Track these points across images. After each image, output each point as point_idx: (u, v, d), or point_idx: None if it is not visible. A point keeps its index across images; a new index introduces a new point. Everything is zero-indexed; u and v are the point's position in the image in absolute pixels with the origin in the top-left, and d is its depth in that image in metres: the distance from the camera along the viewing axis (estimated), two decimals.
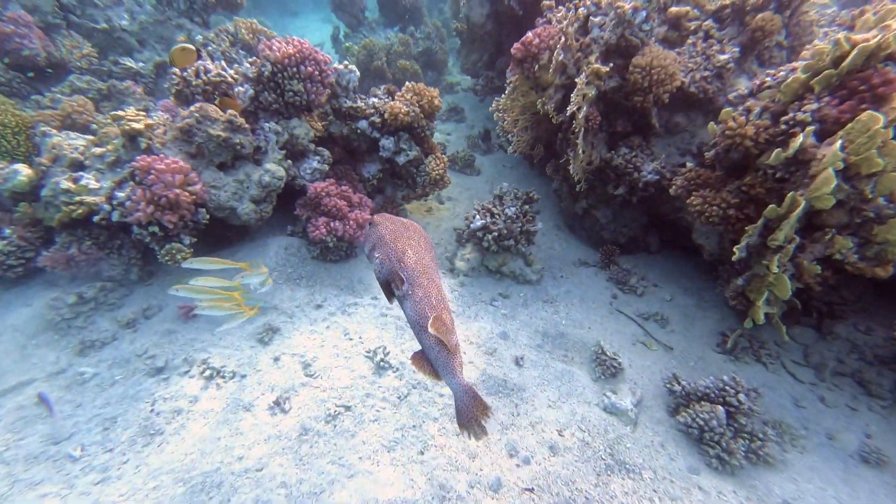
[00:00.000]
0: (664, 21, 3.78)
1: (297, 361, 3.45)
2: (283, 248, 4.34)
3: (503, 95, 4.24)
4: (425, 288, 1.88)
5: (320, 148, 4.47)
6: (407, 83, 4.63)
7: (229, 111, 3.95)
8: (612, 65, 3.61)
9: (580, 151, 3.89)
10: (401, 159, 4.58)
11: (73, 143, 3.70)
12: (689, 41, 3.64)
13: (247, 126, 4.05)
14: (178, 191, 3.51)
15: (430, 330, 1.75)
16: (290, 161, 4.29)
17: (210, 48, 5.37)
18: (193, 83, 4.12)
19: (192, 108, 3.79)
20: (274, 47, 4.05)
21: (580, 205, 4.71)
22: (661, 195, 3.95)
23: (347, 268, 4.44)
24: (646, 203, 4.21)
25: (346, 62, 4.49)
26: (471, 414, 1.79)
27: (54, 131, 3.78)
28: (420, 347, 1.89)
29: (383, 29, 8.94)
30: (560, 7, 4.08)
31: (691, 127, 3.83)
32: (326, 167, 4.43)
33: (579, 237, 5.02)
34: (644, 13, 3.46)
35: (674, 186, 3.50)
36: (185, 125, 3.74)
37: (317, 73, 4.17)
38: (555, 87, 3.94)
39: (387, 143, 4.57)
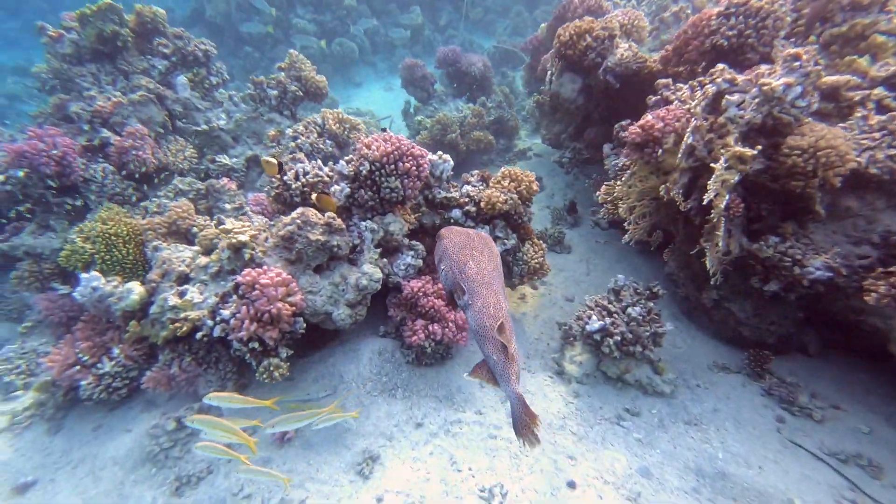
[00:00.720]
0: (815, 90, 3.29)
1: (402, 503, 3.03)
2: (377, 353, 4.07)
3: (620, 182, 3.85)
4: (484, 298, 1.97)
5: (414, 242, 4.29)
6: (503, 168, 4.42)
7: (328, 213, 3.88)
8: (759, 147, 3.13)
9: (718, 243, 3.36)
10: (498, 249, 4.28)
11: (181, 255, 3.74)
12: (858, 114, 3.11)
13: (343, 227, 3.95)
14: (280, 304, 3.38)
15: (493, 335, 1.87)
16: (385, 259, 4.12)
17: (299, 140, 5.56)
18: (293, 186, 4.15)
19: (293, 214, 3.75)
20: (372, 146, 4.01)
21: (709, 295, 4.08)
22: (833, 293, 3.27)
23: (444, 373, 4.05)
24: (806, 298, 3.52)
25: (440, 153, 4.37)
26: (523, 421, 1.87)
27: (164, 244, 3.87)
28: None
29: (452, 99, 9.12)
30: (679, 84, 3.75)
31: (867, 211, 3.19)
32: (421, 262, 4.21)
33: (704, 330, 4.34)
34: (800, 89, 3.00)
35: (874, 295, 2.84)
36: (287, 233, 3.69)
37: (414, 167, 4.06)
38: (680, 172, 3.50)
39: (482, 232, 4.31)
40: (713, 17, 3.85)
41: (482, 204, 4.21)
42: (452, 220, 4.42)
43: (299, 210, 3.79)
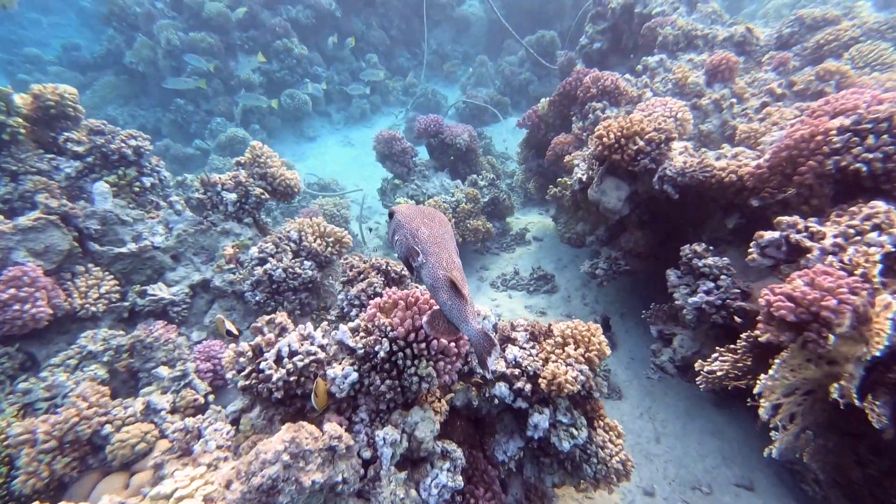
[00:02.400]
0: None
1: None
2: None
3: (767, 376, 2.96)
4: (437, 255, 2.19)
5: (449, 446, 3.16)
6: (559, 327, 3.51)
7: (330, 428, 2.71)
8: None
9: None
10: (563, 446, 3.27)
11: None
12: None
13: (352, 442, 2.79)
14: None
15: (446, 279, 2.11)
16: (410, 483, 2.98)
17: (269, 266, 4.33)
18: (274, 378, 2.94)
19: (275, 440, 2.52)
20: (396, 320, 2.94)
21: None
22: None
23: None
24: None
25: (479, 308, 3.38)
26: (484, 350, 2.09)
27: None
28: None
29: (434, 173, 8.27)
30: (815, 226, 3.04)
31: None
32: (460, 479, 3.07)
33: None
34: None
35: None
36: (265, 481, 2.44)
37: (454, 345, 3.03)
38: (856, 362, 2.74)
39: (539, 420, 3.30)
40: (832, 132, 3.28)
41: (543, 384, 3.24)
42: (497, 401, 3.40)
43: (287, 434, 2.56)
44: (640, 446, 4.13)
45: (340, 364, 3.10)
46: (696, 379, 3.61)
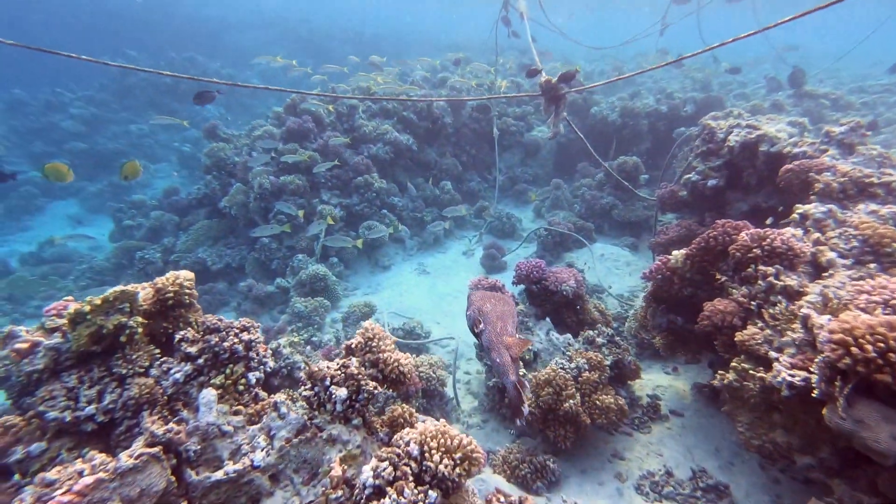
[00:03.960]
0: None
1: None
2: None
3: None
4: (493, 324, 3.00)
5: None
6: None
7: None
8: None
9: None
10: None
11: None
12: None
13: None
14: None
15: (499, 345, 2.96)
16: None
17: (388, 502, 3.52)
18: None
19: None
20: None
21: None
22: None
23: None
24: None
25: None
26: (517, 400, 2.78)
27: None
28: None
29: (536, 322, 7.54)
30: None
31: None
32: None
33: None
34: None
35: None
36: None
37: None
38: None
39: None
40: None
41: None
42: None
43: None
44: None
45: None
46: None
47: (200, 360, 4.10)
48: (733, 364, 4.47)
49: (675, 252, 6.08)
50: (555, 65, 21.71)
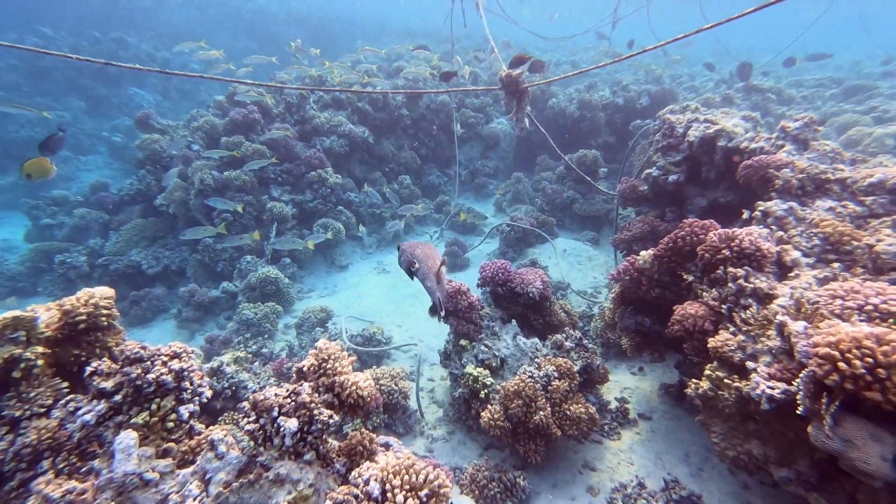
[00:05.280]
0: None
1: None
2: None
3: None
4: (424, 262, 3.64)
5: None
6: None
7: None
8: None
9: None
10: None
11: None
12: None
13: None
14: None
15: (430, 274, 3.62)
16: None
17: None
18: None
19: None
20: None
21: None
22: None
23: None
24: None
25: None
26: (441, 302, 3.56)
27: None
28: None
29: (502, 325, 7.29)
30: None
31: None
32: None
33: None
34: None
35: None
36: None
37: None
38: None
39: None
40: None
41: None
42: None
43: None
44: None
45: None
46: None
47: (118, 397, 3.49)
48: (707, 372, 4.37)
49: (642, 252, 5.97)
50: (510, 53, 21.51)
